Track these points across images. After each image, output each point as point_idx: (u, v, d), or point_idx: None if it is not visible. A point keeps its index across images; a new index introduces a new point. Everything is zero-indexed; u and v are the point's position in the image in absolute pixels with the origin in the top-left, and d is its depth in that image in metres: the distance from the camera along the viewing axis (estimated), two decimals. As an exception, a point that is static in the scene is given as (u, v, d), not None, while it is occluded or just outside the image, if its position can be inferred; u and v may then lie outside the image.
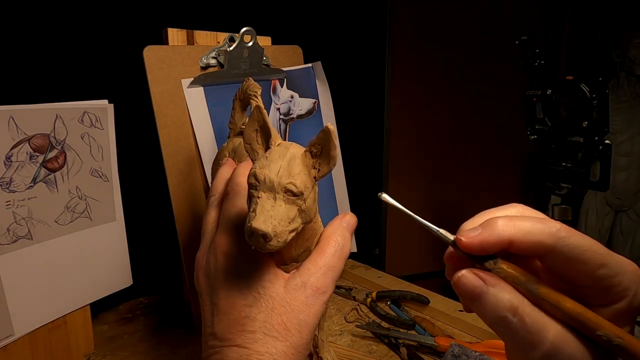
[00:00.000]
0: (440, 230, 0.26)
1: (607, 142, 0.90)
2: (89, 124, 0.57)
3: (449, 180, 2.03)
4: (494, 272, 0.25)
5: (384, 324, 0.70)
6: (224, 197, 0.37)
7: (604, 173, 0.92)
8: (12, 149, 0.50)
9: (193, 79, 0.63)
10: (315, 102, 0.78)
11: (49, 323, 0.57)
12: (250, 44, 0.67)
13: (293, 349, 0.31)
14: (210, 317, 0.33)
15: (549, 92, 0.94)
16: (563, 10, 2.01)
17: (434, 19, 1.85)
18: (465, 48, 1.91)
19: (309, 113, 0.76)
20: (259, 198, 0.28)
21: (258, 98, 0.48)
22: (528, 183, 2.16)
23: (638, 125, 1.84)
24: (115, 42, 0.84)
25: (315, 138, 0.30)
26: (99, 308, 0.73)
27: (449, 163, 2.02)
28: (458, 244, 0.25)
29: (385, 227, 1.88)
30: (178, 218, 0.62)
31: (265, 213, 0.27)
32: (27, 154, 0.51)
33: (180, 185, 0.62)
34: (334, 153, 0.30)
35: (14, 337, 0.53)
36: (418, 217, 0.28)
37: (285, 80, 0.74)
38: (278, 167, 0.29)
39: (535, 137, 1.00)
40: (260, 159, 0.30)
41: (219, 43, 0.66)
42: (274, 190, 0.28)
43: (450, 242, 0.26)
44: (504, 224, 0.24)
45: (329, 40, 1.34)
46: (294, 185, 0.28)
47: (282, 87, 0.73)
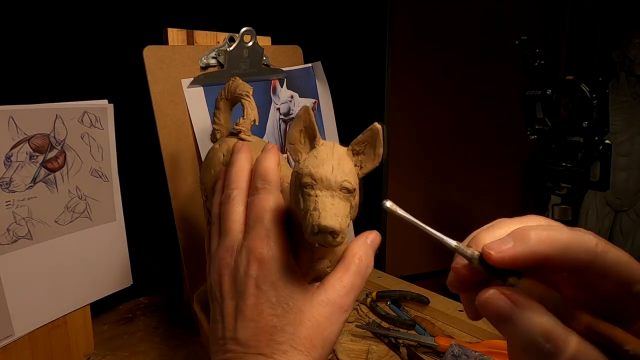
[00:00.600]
0: (454, 243, 0.25)
1: (607, 142, 0.89)
2: (89, 124, 0.57)
3: (449, 180, 2.03)
4: (518, 288, 0.23)
5: (384, 324, 0.70)
6: (253, 194, 0.36)
7: (604, 173, 0.91)
8: (12, 149, 0.50)
9: (193, 79, 0.63)
10: (315, 102, 0.78)
11: (49, 323, 0.57)
12: (250, 44, 0.66)
13: None
14: (233, 321, 0.32)
15: (549, 92, 0.94)
16: (563, 10, 2.01)
17: (434, 19, 1.85)
18: (465, 48, 1.91)
19: (309, 113, 0.76)
20: (318, 197, 0.29)
21: (250, 98, 0.47)
22: (528, 183, 2.16)
23: (638, 125, 1.84)
24: (115, 42, 0.84)
25: (361, 136, 0.31)
26: (99, 308, 0.73)
27: (449, 163, 2.02)
28: (487, 258, 0.23)
29: (385, 227, 1.88)
30: (178, 218, 0.62)
31: (329, 210, 0.28)
32: (27, 154, 0.51)
33: (180, 185, 0.62)
34: (380, 151, 0.31)
35: (14, 337, 0.53)
36: (431, 229, 0.26)
37: (285, 80, 0.74)
38: (331, 165, 0.29)
39: (535, 137, 1.00)
40: (309, 159, 0.30)
41: (219, 43, 0.66)
42: (331, 188, 0.29)
43: (468, 254, 0.24)
44: (539, 238, 0.22)
45: (329, 40, 1.34)
46: (349, 183, 0.29)
47: (282, 87, 0.73)
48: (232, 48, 0.65)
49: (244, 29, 0.65)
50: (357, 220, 0.37)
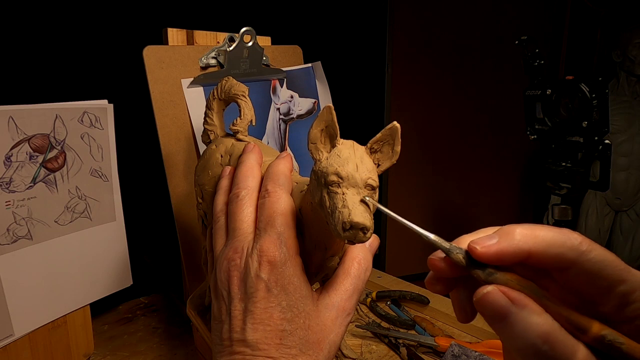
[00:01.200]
0: (433, 236, 0.26)
1: (607, 142, 0.89)
2: (89, 124, 0.57)
3: (449, 180, 2.03)
4: (493, 280, 0.23)
5: (384, 324, 0.70)
6: (264, 196, 0.36)
7: (604, 173, 0.91)
8: (12, 149, 0.50)
9: (193, 79, 0.63)
10: (315, 102, 0.78)
11: (49, 323, 0.57)
12: (250, 44, 0.66)
13: None
14: (241, 323, 0.32)
15: (549, 92, 0.94)
16: (563, 10, 2.01)
17: (434, 19, 1.85)
18: (465, 48, 1.91)
19: (309, 113, 0.76)
20: (345, 194, 0.29)
21: (246, 98, 0.47)
22: (528, 183, 2.16)
23: (638, 125, 1.84)
24: (115, 42, 0.84)
25: (379, 135, 0.31)
26: (99, 308, 0.73)
27: (449, 163, 2.02)
28: (472, 253, 0.24)
29: (385, 227, 1.88)
30: (178, 218, 0.62)
31: (359, 207, 0.28)
32: (27, 154, 0.51)
33: (180, 185, 0.62)
34: (398, 149, 0.31)
35: (14, 337, 0.53)
36: (411, 223, 0.27)
37: (285, 80, 0.74)
38: (355, 164, 0.30)
39: (535, 137, 1.00)
40: (333, 157, 0.31)
41: (219, 43, 0.66)
42: (357, 186, 0.29)
43: (446, 247, 0.25)
44: (523, 234, 0.23)
45: (329, 40, 1.34)
46: (373, 180, 0.30)
47: (282, 87, 0.73)
48: (232, 48, 0.65)
49: (244, 29, 0.65)
50: (379, 242, 0.37)
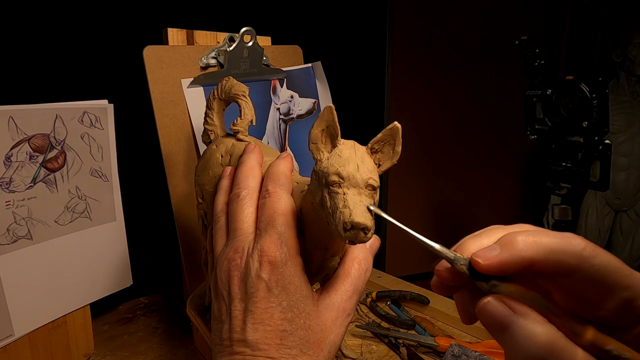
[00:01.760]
0: (438, 246, 0.25)
1: (607, 142, 0.90)
2: (89, 124, 0.57)
3: (449, 180, 2.03)
4: (498, 292, 0.23)
5: (384, 324, 0.69)
6: (264, 196, 0.36)
7: (604, 173, 0.92)
8: (12, 149, 0.50)
9: (193, 79, 0.63)
10: (315, 102, 0.78)
11: (49, 323, 0.57)
12: (250, 44, 0.66)
13: None
14: (241, 323, 0.32)
15: (549, 92, 0.94)
16: (563, 10, 2.01)
17: (434, 19, 1.85)
18: (465, 48, 1.91)
19: (309, 113, 0.76)
20: (346, 194, 0.29)
21: (247, 98, 0.47)
22: (528, 183, 2.16)
23: (638, 125, 1.84)
24: (115, 42, 0.84)
25: (380, 135, 0.31)
26: (99, 308, 0.73)
27: (449, 163, 2.02)
28: (475, 266, 0.23)
29: (386, 227, 1.88)
30: (178, 218, 0.62)
31: (359, 207, 0.28)
32: (27, 154, 0.51)
33: (180, 185, 0.62)
34: (399, 149, 0.31)
35: (14, 337, 0.53)
36: (415, 232, 0.27)
37: (285, 80, 0.74)
38: (355, 164, 0.30)
39: (535, 137, 1.00)
40: (334, 157, 0.31)
41: (219, 43, 0.66)
42: (358, 186, 0.29)
43: (451, 257, 0.25)
44: (525, 242, 0.22)
45: (329, 40, 1.34)
46: (374, 180, 0.30)
47: (282, 87, 0.73)
48: (232, 48, 0.65)
49: (244, 29, 0.65)
50: (380, 243, 0.37)
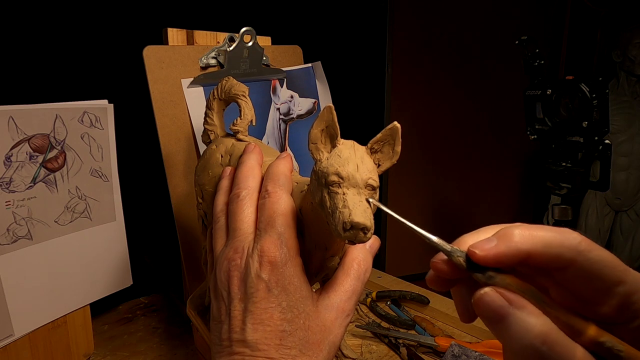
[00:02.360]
0: (435, 238, 0.26)
1: (607, 142, 0.90)
2: (89, 124, 0.57)
3: (449, 180, 2.03)
4: (493, 284, 0.23)
5: (384, 324, 0.69)
6: (264, 197, 0.36)
7: (604, 173, 0.92)
8: (12, 149, 0.50)
9: (193, 79, 0.63)
10: (315, 102, 0.78)
11: (49, 323, 0.57)
12: (250, 44, 0.66)
13: None
14: (241, 323, 0.32)
15: (549, 92, 0.94)
16: (563, 10, 2.01)
17: (434, 19, 1.85)
18: (465, 48, 1.91)
19: (309, 113, 0.76)
20: (345, 194, 0.29)
21: (247, 98, 0.47)
22: (528, 183, 2.16)
23: (638, 125, 1.84)
24: (115, 42, 0.84)
25: (380, 135, 0.31)
26: (99, 308, 0.73)
27: (449, 163, 2.02)
28: (472, 257, 0.23)
29: (386, 227, 1.88)
30: (178, 218, 0.62)
31: (359, 207, 0.29)
32: (27, 154, 0.51)
33: (180, 185, 0.62)
34: (399, 149, 0.31)
35: (14, 337, 0.53)
36: (413, 224, 0.27)
37: (285, 80, 0.74)
38: (355, 164, 0.30)
39: (535, 137, 1.00)
40: (333, 157, 0.31)
41: (219, 43, 0.66)
42: (358, 186, 0.29)
43: (448, 249, 0.25)
44: (522, 235, 0.23)
45: (329, 40, 1.34)
46: (374, 180, 0.30)
47: (282, 87, 0.73)
48: (232, 48, 0.65)
49: (244, 29, 0.65)
50: (380, 244, 0.37)
